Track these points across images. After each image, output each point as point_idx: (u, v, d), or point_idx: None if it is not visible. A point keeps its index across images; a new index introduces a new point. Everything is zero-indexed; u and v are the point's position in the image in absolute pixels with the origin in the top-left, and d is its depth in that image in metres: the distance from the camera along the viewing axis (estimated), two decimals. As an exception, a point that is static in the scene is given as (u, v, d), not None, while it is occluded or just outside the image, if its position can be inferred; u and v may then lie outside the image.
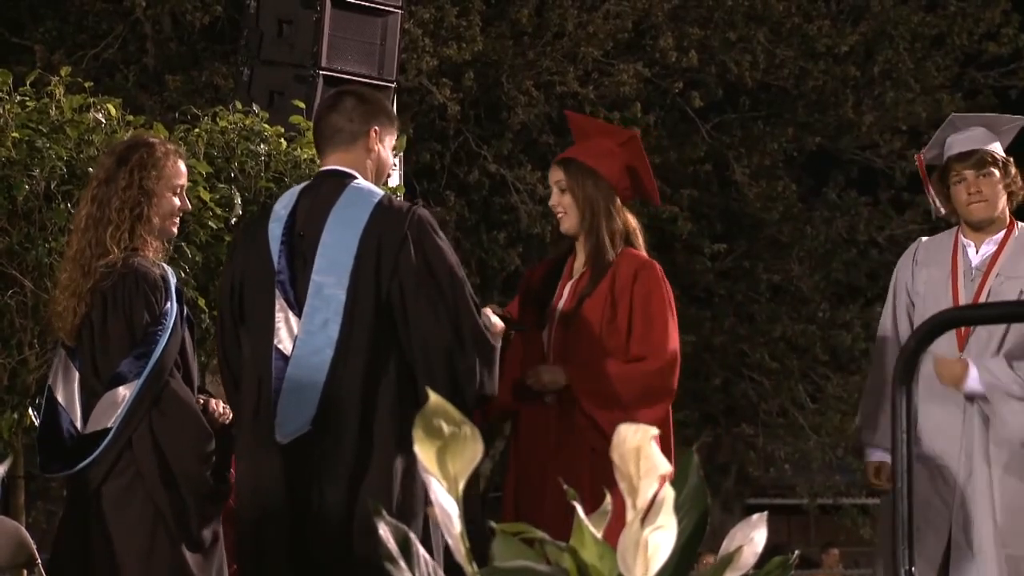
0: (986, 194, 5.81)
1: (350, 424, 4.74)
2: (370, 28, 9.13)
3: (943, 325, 3.66)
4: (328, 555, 4.73)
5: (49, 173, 6.37)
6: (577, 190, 5.48)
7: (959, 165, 5.87)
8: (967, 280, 5.82)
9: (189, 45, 16.55)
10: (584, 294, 5.40)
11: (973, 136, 5.94)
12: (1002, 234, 5.86)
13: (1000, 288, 5.76)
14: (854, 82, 18.73)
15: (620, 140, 5.62)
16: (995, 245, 5.84)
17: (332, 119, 5.03)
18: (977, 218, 5.84)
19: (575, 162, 5.51)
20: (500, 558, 2.43)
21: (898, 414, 3.28)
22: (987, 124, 5.99)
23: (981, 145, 5.88)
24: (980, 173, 5.82)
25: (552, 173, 5.58)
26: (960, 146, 5.92)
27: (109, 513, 4.97)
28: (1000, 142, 5.94)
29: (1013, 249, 5.82)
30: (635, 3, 17.20)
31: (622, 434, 2.32)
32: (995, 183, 5.82)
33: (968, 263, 5.85)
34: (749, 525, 2.57)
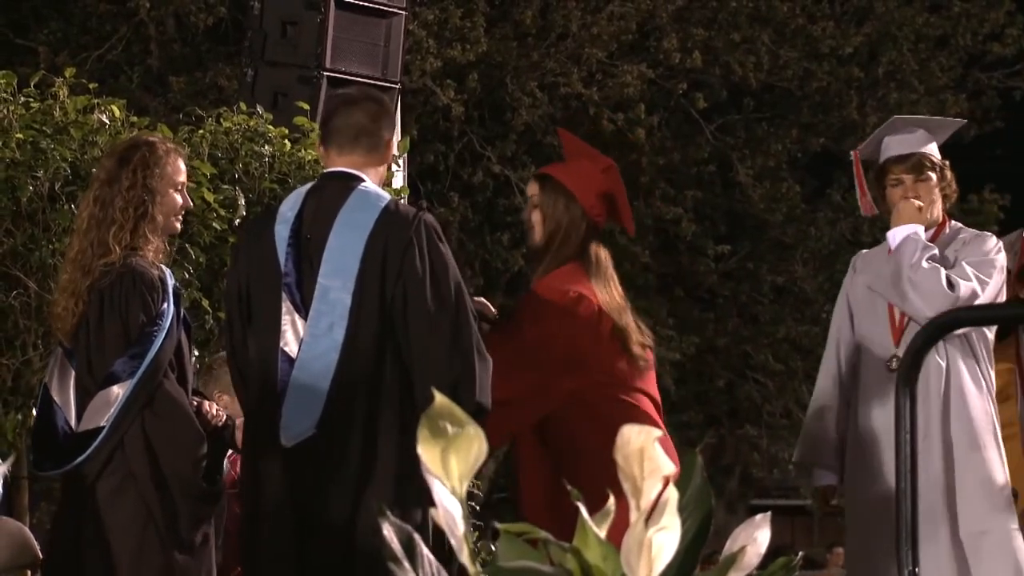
0: (923, 199, 5.82)
1: (354, 428, 4.74)
2: (374, 29, 9.13)
3: (946, 326, 3.67)
4: (331, 558, 4.73)
5: (53, 174, 6.38)
6: (548, 209, 5.41)
7: (897, 168, 5.88)
8: None
9: (193, 46, 16.56)
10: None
11: (911, 138, 5.92)
12: (932, 232, 5.86)
13: None
14: (858, 83, 18.71)
15: (601, 167, 5.52)
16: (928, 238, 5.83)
17: (357, 117, 4.99)
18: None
19: (552, 180, 5.45)
20: (504, 558, 2.43)
21: (901, 415, 3.28)
22: (926, 126, 5.97)
23: (918, 148, 5.88)
24: (919, 178, 5.84)
25: (529, 186, 5.55)
26: (898, 148, 5.91)
27: (101, 512, 4.97)
28: (936, 142, 5.94)
29: (943, 243, 5.83)
30: (639, 4, 17.20)
31: (626, 435, 2.32)
32: (932, 187, 5.85)
33: None
34: (752, 526, 2.57)
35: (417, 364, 4.77)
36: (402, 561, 2.34)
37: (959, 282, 5.60)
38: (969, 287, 5.60)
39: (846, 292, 6.00)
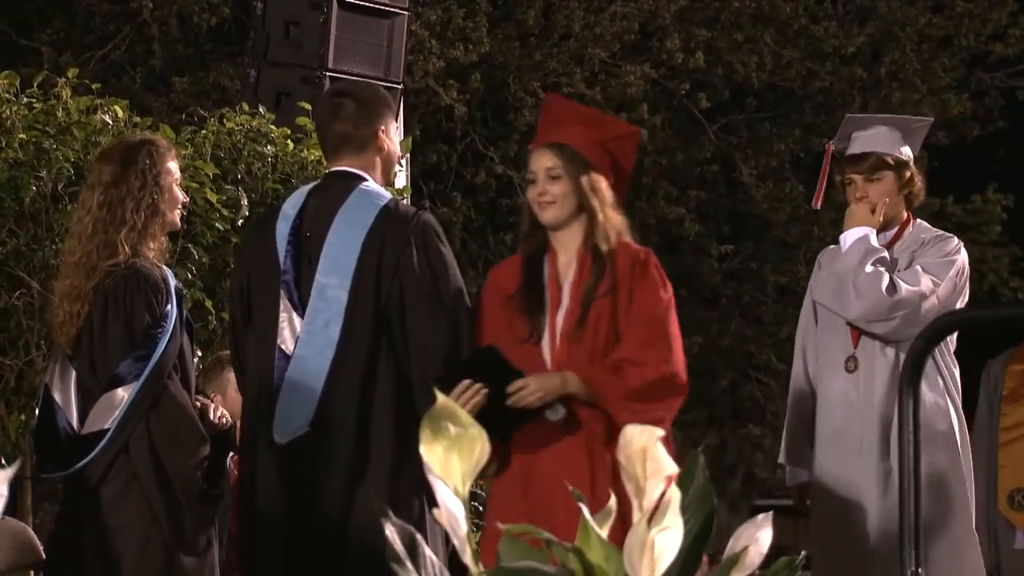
0: (872, 198, 5.73)
1: (348, 426, 4.75)
2: (377, 30, 9.13)
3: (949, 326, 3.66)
4: (325, 555, 4.74)
5: (56, 175, 6.38)
6: (575, 176, 4.82)
7: (849, 168, 5.81)
8: None
9: (196, 47, 16.56)
10: (589, 298, 4.76)
11: (872, 137, 5.82)
12: (895, 231, 5.80)
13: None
14: (861, 83, 18.71)
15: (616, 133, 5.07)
16: (886, 240, 5.77)
17: (336, 128, 5.00)
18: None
19: (569, 148, 4.88)
20: (506, 559, 2.43)
21: (905, 416, 3.28)
22: (894, 124, 5.87)
23: (878, 147, 5.77)
24: (870, 178, 5.74)
25: (540, 159, 4.89)
26: (858, 147, 5.81)
27: (104, 514, 4.97)
28: (910, 144, 5.83)
29: (906, 242, 5.77)
30: (642, 4, 17.20)
31: (628, 435, 2.33)
32: (885, 187, 5.75)
33: None
34: (755, 525, 2.57)
35: (414, 363, 4.77)
36: (404, 561, 2.34)
37: (901, 285, 5.56)
38: (913, 290, 5.56)
39: (812, 289, 5.94)
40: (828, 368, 5.76)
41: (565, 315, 4.77)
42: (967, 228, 19.30)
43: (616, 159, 4.95)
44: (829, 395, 5.74)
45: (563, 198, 4.83)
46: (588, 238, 4.82)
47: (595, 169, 4.86)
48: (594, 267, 4.79)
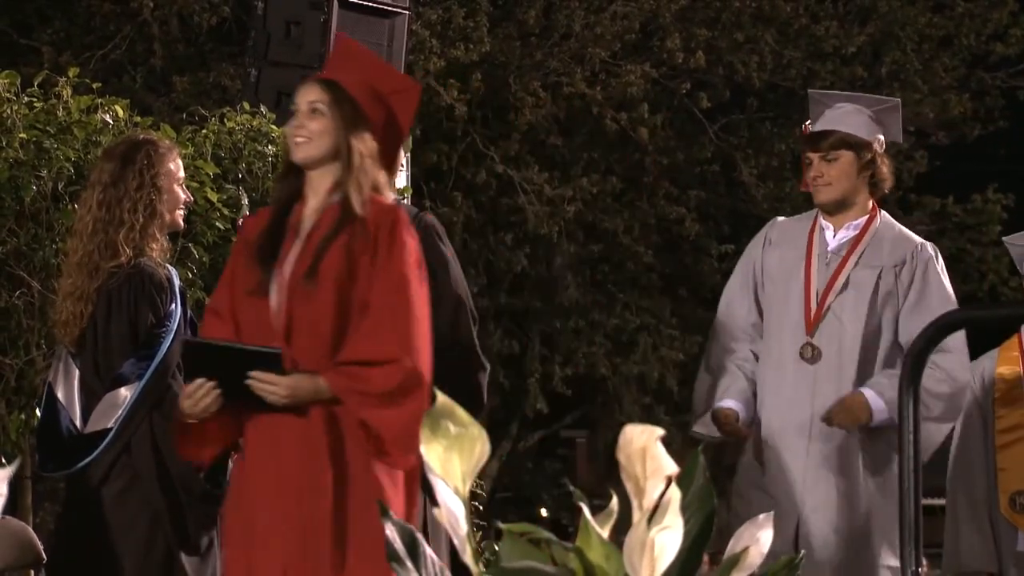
0: (829, 178, 5.51)
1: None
2: (377, 29, 9.13)
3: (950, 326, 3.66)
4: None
5: (56, 174, 6.38)
6: (339, 116, 4.40)
7: (807, 147, 5.63)
8: (821, 263, 5.51)
9: (196, 46, 16.58)
10: (322, 249, 4.33)
11: (836, 116, 5.64)
12: (864, 220, 5.55)
13: (857, 275, 5.48)
14: (862, 83, 18.70)
15: (394, 87, 4.61)
16: (855, 231, 5.55)
17: None
18: (819, 201, 5.56)
19: (340, 87, 4.47)
20: (507, 558, 2.43)
21: (904, 416, 3.28)
22: (860, 104, 5.69)
23: (841, 126, 5.58)
24: (826, 157, 5.53)
25: (306, 92, 4.49)
26: (820, 125, 5.65)
27: (107, 514, 4.97)
28: (884, 128, 5.66)
29: (874, 236, 5.53)
30: (642, 4, 17.21)
31: (628, 435, 2.33)
32: (844, 167, 5.52)
33: (824, 246, 5.54)
34: (755, 525, 2.57)
35: None
36: (405, 561, 2.34)
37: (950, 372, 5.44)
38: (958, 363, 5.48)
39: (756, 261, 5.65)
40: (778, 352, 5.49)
41: (295, 265, 4.35)
42: (967, 228, 19.33)
43: (392, 114, 4.54)
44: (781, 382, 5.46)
45: (320, 136, 4.41)
46: (339, 185, 4.39)
47: (364, 116, 4.44)
48: (339, 217, 4.35)
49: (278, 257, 4.36)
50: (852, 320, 5.44)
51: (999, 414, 6.12)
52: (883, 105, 5.75)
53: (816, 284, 5.48)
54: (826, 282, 5.48)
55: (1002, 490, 6.05)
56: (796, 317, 5.46)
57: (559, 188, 17.63)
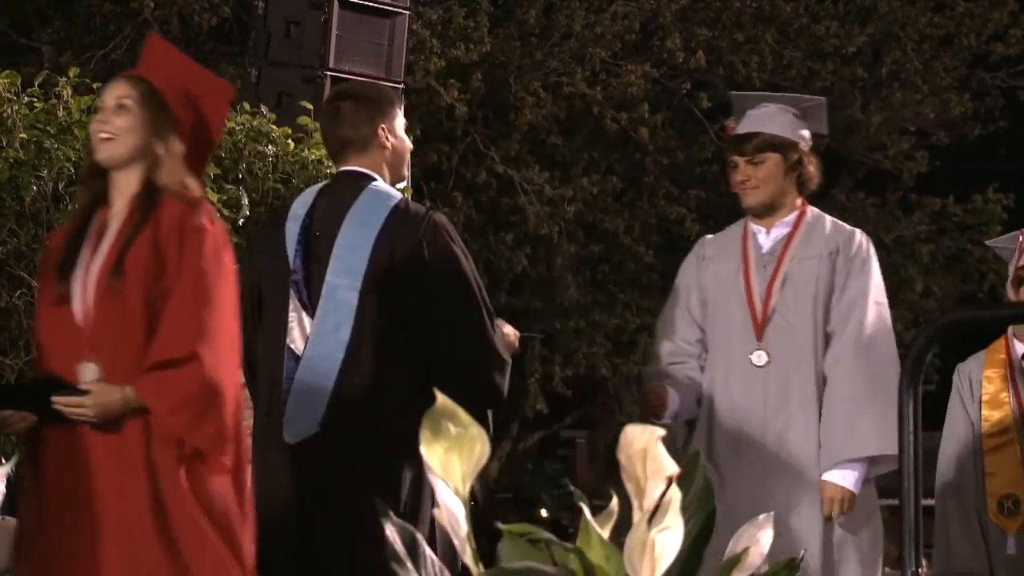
0: (756, 181, 5.43)
1: (359, 426, 4.75)
2: (378, 29, 9.13)
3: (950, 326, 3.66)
4: (334, 556, 4.74)
5: (57, 174, 6.39)
6: (146, 113, 4.29)
7: (732, 150, 5.52)
8: (759, 267, 5.44)
9: (197, 46, 16.56)
10: (124, 250, 4.16)
11: (760, 117, 5.52)
12: (794, 216, 5.49)
13: (796, 270, 5.41)
14: (862, 83, 18.72)
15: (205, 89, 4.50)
16: (788, 227, 5.49)
17: (337, 132, 5.00)
18: (747, 204, 5.50)
19: (148, 84, 4.37)
20: (506, 559, 2.43)
21: (905, 417, 3.27)
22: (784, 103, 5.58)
23: (765, 128, 5.47)
24: (751, 160, 5.43)
25: (113, 89, 4.41)
26: (745, 126, 5.51)
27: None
28: (810, 125, 5.55)
29: (806, 232, 5.46)
30: (642, 4, 17.21)
31: (629, 435, 2.33)
32: (770, 169, 5.43)
33: (759, 250, 5.48)
34: (755, 526, 2.57)
35: (438, 363, 4.77)
36: (405, 562, 2.34)
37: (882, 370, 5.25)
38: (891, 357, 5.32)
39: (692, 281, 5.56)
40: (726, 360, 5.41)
41: (99, 270, 4.18)
42: (968, 228, 19.34)
43: (202, 116, 4.41)
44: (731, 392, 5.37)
45: (125, 133, 4.27)
46: (144, 186, 4.23)
47: (172, 116, 4.31)
48: (143, 215, 4.21)
49: (78, 264, 4.19)
50: (797, 316, 5.38)
51: (985, 416, 6.11)
52: (807, 103, 5.67)
53: (757, 289, 5.42)
54: (766, 284, 5.42)
55: (990, 494, 6.05)
56: (742, 326, 5.39)
57: (559, 188, 17.64)
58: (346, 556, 4.72)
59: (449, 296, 4.80)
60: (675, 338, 5.55)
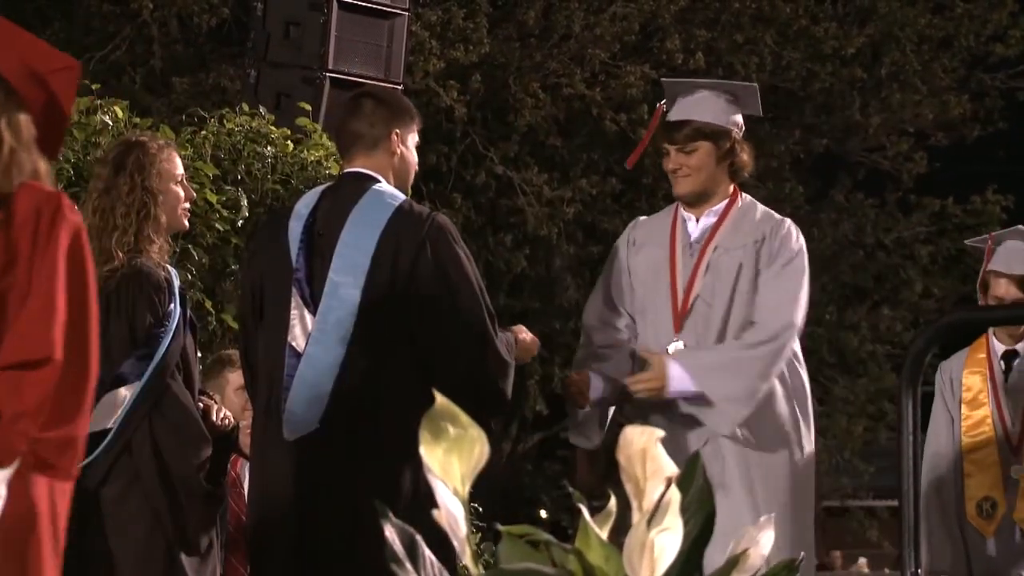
0: (688, 170, 5.36)
1: (359, 424, 4.76)
2: (377, 30, 9.13)
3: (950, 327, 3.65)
4: (334, 554, 4.74)
5: (56, 175, 6.38)
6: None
7: (663, 137, 5.42)
8: (686, 255, 5.36)
9: (196, 47, 16.57)
10: None
11: (692, 104, 5.41)
12: (723, 204, 5.41)
13: (718, 261, 5.31)
14: (861, 84, 18.72)
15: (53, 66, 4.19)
16: (715, 216, 5.40)
17: (352, 125, 5.02)
18: (678, 193, 5.43)
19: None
20: (506, 560, 2.43)
21: (904, 416, 3.27)
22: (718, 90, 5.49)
23: (697, 115, 5.37)
24: (683, 149, 5.36)
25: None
26: (676, 114, 5.40)
27: (107, 515, 4.97)
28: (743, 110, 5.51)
29: (734, 221, 5.38)
30: (642, 5, 17.21)
31: (628, 436, 2.32)
32: (702, 158, 5.35)
33: (687, 238, 5.39)
34: (755, 527, 2.57)
35: (438, 365, 4.78)
36: (404, 562, 2.34)
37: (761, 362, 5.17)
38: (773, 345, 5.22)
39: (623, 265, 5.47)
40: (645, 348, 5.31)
41: None
42: (967, 229, 19.33)
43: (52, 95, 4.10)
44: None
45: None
46: None
47: (18, 97, 3.98)
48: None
49: None
50: (715, 309, 5.29)
51: (965, 416, 6.11)
52: (744, 89, 5.61)
53: (681, 278, 5.34)
54: (690, 273, 5.33)
55: (968, 497, 6.05)
56: (665, 315, 5.31)
57: (558, 189, 17.63)
58: (345, 553, 4.73)
59: (451, 298, 4.81)
60: (605, 325, 5.46)
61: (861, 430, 18.70)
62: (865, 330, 19.49)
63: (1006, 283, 6.08)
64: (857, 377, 19.76)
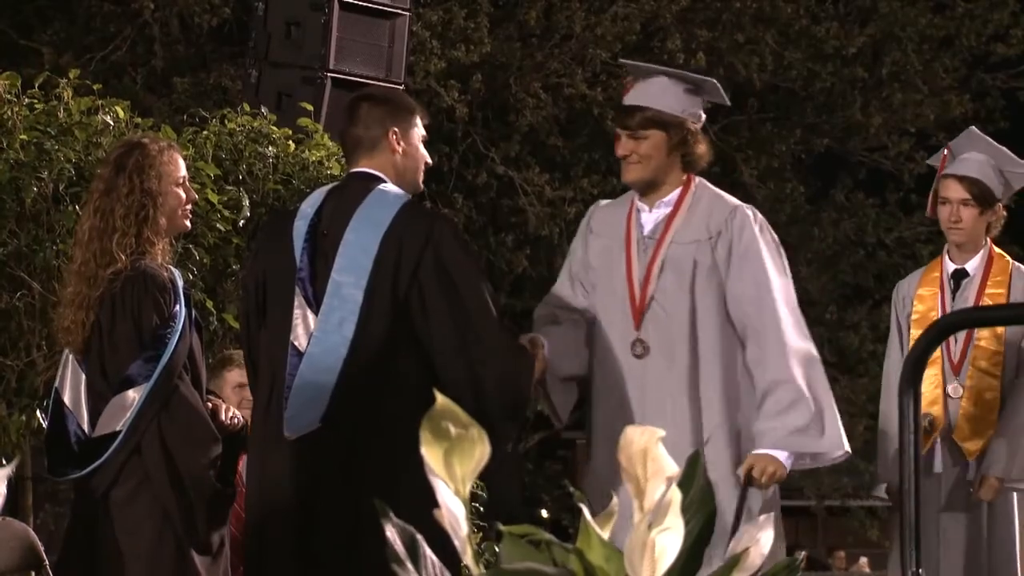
0: (638, 156, 5.17)
1: (360, 423, 4.76)
2: (378, 30, 9.13)
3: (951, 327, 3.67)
4: (333, 553, 4.74)
5: (57, 175, 6.38)
6: None
7: (617, 122, 5.26)
8: (640, 249, 5.20)
9: (197, 47, 16.56)
10: None
11: (648, 89, 5.25)
12: (676, 195, 5.26)
13: (674, 255, 5.16)
14: (862, 84, 18.71)
15: None
16: (669, 207, 5.24)
17: (351, 131, 5.03)
18: (627, 179, 5.25)
19: None
20: (507, 560, 2.43)
21: (905, 417, 3.28)
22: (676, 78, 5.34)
23: (653, 102, 5.22)
24: (634, 135, 5.18)
25: None
26: (632, 99, 5.25)
27: (117, 516, 4.97)
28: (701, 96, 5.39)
29: (687, 212, 5.22)
30: (643, 5, 17.20)
31: (629, 436, 2.33)
32: (654, 146, 5.18)
33: (641, 230, 5.22)
34: (756, 526, 2.57)
35: (439, 364, 4.78)
36: (405, 562, 2.34)
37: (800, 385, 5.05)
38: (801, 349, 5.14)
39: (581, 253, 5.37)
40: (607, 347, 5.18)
41: None
42: (968, 229, 19.28)
43: None
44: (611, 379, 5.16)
45: None
46: None
47: None
48: None
49: None
50: (675, 306, 5.14)
51: (913, 335, 6.11)
52: (704, 81, 5.48)
53: (637, 273, 5.18)
54: (645, 269, 5.18)
55: None
56: (622, 312, 5.16)
57: (560, 189, 17.63)
58: (345, 553, 4.73)
59: (455, 298, 4.80)
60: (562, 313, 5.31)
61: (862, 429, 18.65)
62: (866, 330, 19.47)
63: (951, 182, 6.09)
64: (858, 377, 19.74)
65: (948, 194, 6.07)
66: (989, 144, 6.14)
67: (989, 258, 6.13)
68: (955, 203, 6.06)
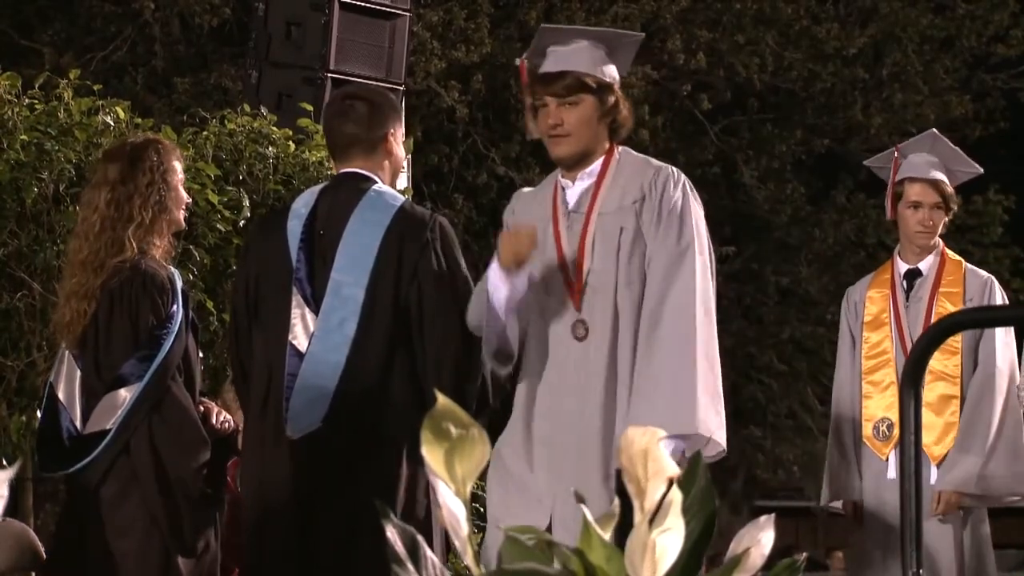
0: (568, 127, 4.78)
1: (362, 423, 4.77)
2: (378, 31, 9.14)
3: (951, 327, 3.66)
4: (332, 552, 4.75)
5: (58, 176, 6.39)
6: None
7: (541, 88, 4.81)
8: (567, 224, 4.83)
9: (197, 47, 16.56)
10: None
11: (571, 53, 4.85)
12: (599, 164, 4.87)
13: (603, 227, 4.80)
14: (863, 84, 18.71)
15: None
16: (592, 179, 4.86)
17: (347, 128, 5.03)
18: (557, 155, 4.86)
19: None
20: (508, 560, 2.43)
21: (906, 416, 3.28)
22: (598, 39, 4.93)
23: (578, 66, 4.82)
24: (565, 101, 4.79)
25: None
26: (553, 63, 4.84)
27: (105, 515, 4.98)
28: (617, 63, 4.93)
29: (611, 180, 4.85)
30: (643, 6, 17.20)
31: (629, 436, 2.33)
32: (584, 112, 4.79)
33: (567, 207, 4.85)
34: (756, 527, 2.57)
35: (429, 364, 4.79)
36: (405, 563, 2.34)
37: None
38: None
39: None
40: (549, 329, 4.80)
41: None
42: (968, 229, 19.33)
43: None
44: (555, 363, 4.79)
45: None
46: None
47: None
48: None
49: None
50: (606, 281, 4.79)
51: (866, 337, 6.11)
52: (627, 39, 5.07)
53: (568, 252, 4.80)
54: (577, 245, 4.81)
55: (866, 418, 6.06)
56: (559, 294, 4.79)
57: (560, 190, 17.61)
58: (345, 552, 4.73)
59: (454, 299, 4.82)
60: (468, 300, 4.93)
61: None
62: (866, 330, 19.50)
63: (920, 186, 6.11)
64: (858, 377, 19.75)
65: (921, 198, 6.12)
66: (946, 145, 6.19)
67: (942, 258, 6.17)
68: (928, 207, 6.10)
